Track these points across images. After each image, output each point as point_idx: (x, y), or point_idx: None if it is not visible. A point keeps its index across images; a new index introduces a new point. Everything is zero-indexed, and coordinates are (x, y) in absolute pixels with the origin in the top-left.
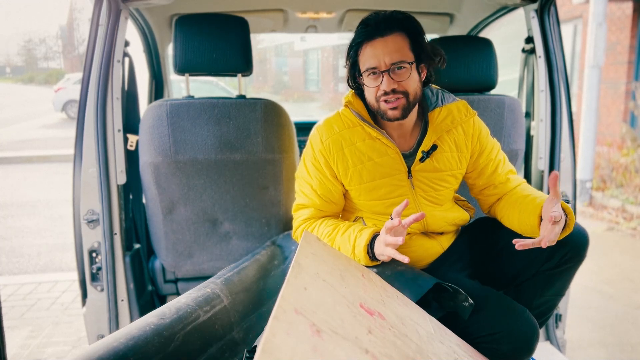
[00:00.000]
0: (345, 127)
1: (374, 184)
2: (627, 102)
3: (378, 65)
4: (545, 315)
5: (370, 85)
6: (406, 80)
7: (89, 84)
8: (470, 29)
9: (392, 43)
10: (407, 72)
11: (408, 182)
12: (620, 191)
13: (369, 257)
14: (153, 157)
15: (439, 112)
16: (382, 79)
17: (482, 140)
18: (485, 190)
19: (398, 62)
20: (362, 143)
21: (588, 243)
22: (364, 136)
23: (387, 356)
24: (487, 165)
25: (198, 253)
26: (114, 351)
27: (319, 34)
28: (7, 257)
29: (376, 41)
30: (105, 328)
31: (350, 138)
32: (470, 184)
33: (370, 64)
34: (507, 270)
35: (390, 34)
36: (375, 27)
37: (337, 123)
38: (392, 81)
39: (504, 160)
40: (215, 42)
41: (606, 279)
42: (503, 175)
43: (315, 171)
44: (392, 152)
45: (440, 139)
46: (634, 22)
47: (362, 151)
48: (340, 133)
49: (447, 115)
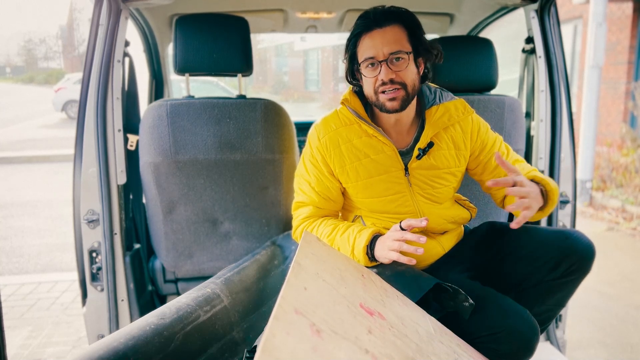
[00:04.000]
0: (342, 124)
1: (370, 180)
2: (627, 102)
3: (376, 55)
4: (543, 325)
5: (369, 76)
6: (404, 71)
7: (89, 84)
8: (470, 29)
9: (390, 34)
10: (405, 63)
11: (405, 180)
12: (620, 191)
13: (368, 258)
14: (153, 157)
15: (436, 109)
16: (381, 69)
17: (482, 136)
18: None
19: (396, 51)
20: (358, 140)
21: (594, 256)
22: (360, 133)
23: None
24: (490, 160)
25: (198, 253)
26: (114, 351)
27: (319, 34)
28: (7, 257)
29: (374, 32)
30: (105, 328)
31: (347, 135)
32: (478, 180)
33: (368, 54)
34: (511, 277)
35: (389, 25)
36: (373, 19)
37: (334, 121)
38: (390, 71)
39: (508, 152)
40: (215, 42)
41: (606, 279)
42: None
43: (313, 168)
44: (389, 149)
45: (438, 136)
46: (634, 22)
47: (358, 148)
48: (337, 130)
49: (444, 113)
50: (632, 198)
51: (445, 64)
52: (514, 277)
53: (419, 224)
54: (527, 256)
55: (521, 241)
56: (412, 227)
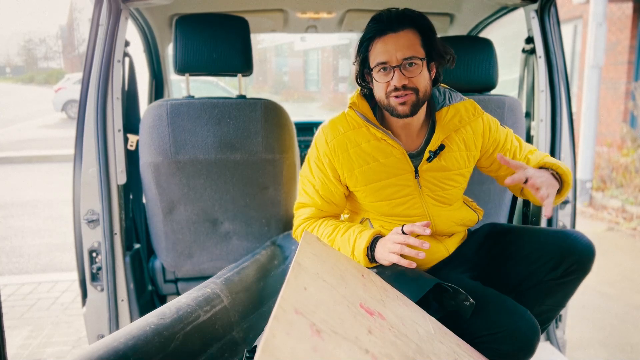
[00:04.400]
0: (350, 128)
1: (380, 184)
2: (627, 102)
3: (389, 60)
4: (543, 325)
5: (381, 81)
6: (417, 77)
7: (89, 84)
8: (470, 29)
9: (404, 39)
10: (418, 69)
11: (415, 182)
12: (620, 191)
13: (369, 259)
14: (153, 157)
15: (447, 111)
16: (393, 75)
17: (494, 135)
18: None
19: (410, 57)
20: (367, 144)
21: (594, 256)
22: (369, 137)
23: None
24: (505, 155)
25: (198, 253)
26: (114, 351)
27: (319, 34)
28: (7, 257)
29: (388, 36)
30: (105, 328)
31: (355, 139)
32: (494, 177)
33: (381, 59)
34: (511, 277)
35: (402, 30)
36: (387, 23)
37: (342, 124)
38: (403, 77)
39: (520, 145)
40: (215, 42)
41: (606, 279)
42: (522, 159)
43: (318, 171)
44: (398, 152)
45: (449, 138)
46: (634, 22)
47: (367, 152)
48: (345, 134)
49: (454, 115)
50: (632, 198)
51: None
52: (515, 277)
53: (422, 232)
54: (528, 256)
55: (522, 242)
56: (415, 233)
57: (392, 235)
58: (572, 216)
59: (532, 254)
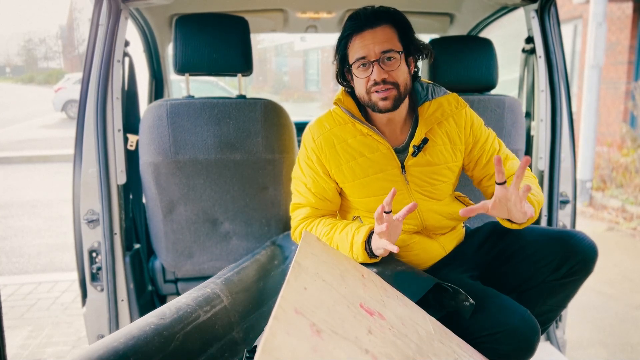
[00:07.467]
0: (336, 124)
1: (366, 179)
2: (627, 102)
3: (368, 55)
4: (544, 325)
5: (361, 77)
6: (396, 71)
7: (89, 84)
8: (470, 29)
9: (381, 33)
10: (396, 62)
11: (402, 178)
12: (620, 191)
13: (367, 253)
14: (153, 157)
15: (429, 105)
16: (373, 69)
17: (475, 131)
18: (483, 181)
19: (388, 50)
20: (353, 139)
21: (597, 257)
22: (355, 133)
23: (387, 356)
24: (482, 156)
25: (198, 253)
26: (114, 351)
27: (319, 34)
28: (7, 257)
29: (365, 32)
30: (105, 328)
31: (342, 135)
32: (470, 176)
33: (360, 54)
34: (513, 277)
35: (379, 26)
36: (364, 20)
37: (328, 121)
38: (382, 71)
39: (501, 149)
40: (215, 42)
41: (606, 279)
42: None
43: (308, 170)
44: (384, 147)
45: (432, 131)
46: (634, 22)
47: (353, 147)
48: (331, 130)
49: (437, 108)
50: (632, 198)
51: (445, 64)
52: (516, 277)
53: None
54: (530, 257)
55: (524, 242)
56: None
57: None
58: (572, 216)
59: (535, 254)
